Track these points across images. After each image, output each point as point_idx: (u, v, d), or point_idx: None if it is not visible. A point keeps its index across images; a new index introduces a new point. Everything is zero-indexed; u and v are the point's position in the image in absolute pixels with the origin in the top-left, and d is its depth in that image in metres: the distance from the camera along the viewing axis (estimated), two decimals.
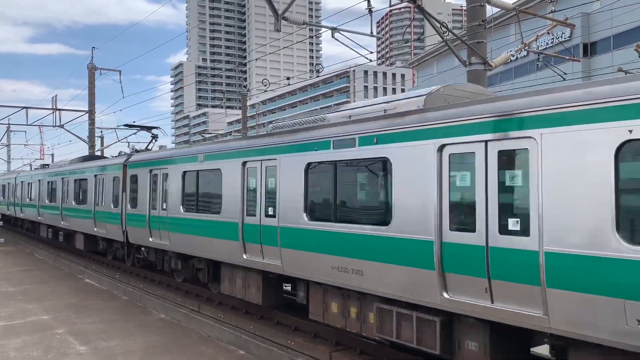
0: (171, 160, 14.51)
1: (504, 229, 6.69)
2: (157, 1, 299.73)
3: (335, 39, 13.71)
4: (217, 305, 13.63)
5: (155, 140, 21.59)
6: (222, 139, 20.09)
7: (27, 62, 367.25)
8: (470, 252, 7.02)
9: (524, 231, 6.48)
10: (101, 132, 46.39)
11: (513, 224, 6.62)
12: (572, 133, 6.03)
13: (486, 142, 6.92)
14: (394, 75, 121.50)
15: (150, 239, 15.46)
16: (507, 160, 6.74)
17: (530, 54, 25.11)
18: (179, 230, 14.02)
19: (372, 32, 13.65)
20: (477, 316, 7.09)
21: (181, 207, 13.85)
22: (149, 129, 22.59)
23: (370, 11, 12.90)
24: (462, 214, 7.26)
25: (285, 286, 12.29)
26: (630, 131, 5.56)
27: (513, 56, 16.28)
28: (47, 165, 31.20)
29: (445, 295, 7.37)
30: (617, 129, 5.66)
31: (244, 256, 11.43)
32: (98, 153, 36.12)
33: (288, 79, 26.47)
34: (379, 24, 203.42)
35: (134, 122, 46.52)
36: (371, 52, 14.72)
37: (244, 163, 11.59)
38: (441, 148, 7.43)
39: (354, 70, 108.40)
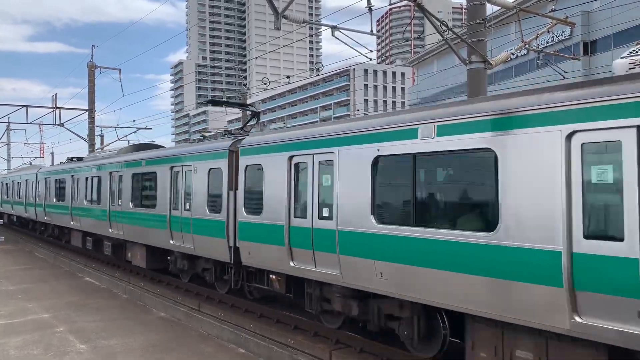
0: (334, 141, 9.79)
1: None
2: (157, 0, 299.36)
3: (335, 37, 13.71)
4: (218, 303, 13.63)
5: (257, 120, 16.31)
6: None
7: (27, 61, 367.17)
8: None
9: None
10: (101, 130, 46.33)
11: None
12: None
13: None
14: (394, 73, 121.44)
15: (293, 263, 10.48)
16: None
17: (531, 52, 25.10)
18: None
19: (372, 31, 13.63)
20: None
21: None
22: (244, 106, 18.74)
23: (370, 9, 12.88)
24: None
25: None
26: None
27: (513, 55, 16.26)
28: (78, 158, 25.77)
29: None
30: None
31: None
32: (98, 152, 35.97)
33: (288, 77, 26.45)
34: (379, 22, 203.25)
35: (133, 121, 46.48)
36: (371, 51, 14.71)
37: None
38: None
39: (354, 69, 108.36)
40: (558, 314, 6.15)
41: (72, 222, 22.70)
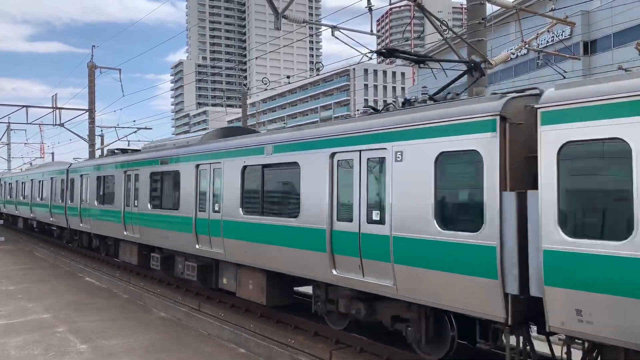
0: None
1: None
2: None
3: (335, 37, 13.70)
4: (218, 303, 13.63)
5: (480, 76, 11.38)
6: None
7: (27, 61, 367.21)
8: None
9: None
10: (101, 130, 46.34)
11: None
12: None
13: None
14: (394, 73, 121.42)
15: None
16: None
17: (531, 52, 25.10)
18: None
19: (372, 31, 13.63)
20: None
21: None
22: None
23: (370, 9, 12.88)
24: None
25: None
26: None
27: (513, 54, 16.26)
28: (123, 150, 20.79)
29: None
30: None
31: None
32: (98, 152, 35.89)
33: (288, 77, 26.47)
34: (379, 22, 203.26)
35: (133, 121, 46.47)
36: (371, 51, 14.71)
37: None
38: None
39: (354, 69, 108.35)
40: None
41: (125, 233, 17.04)
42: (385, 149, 8.22)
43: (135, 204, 16.25)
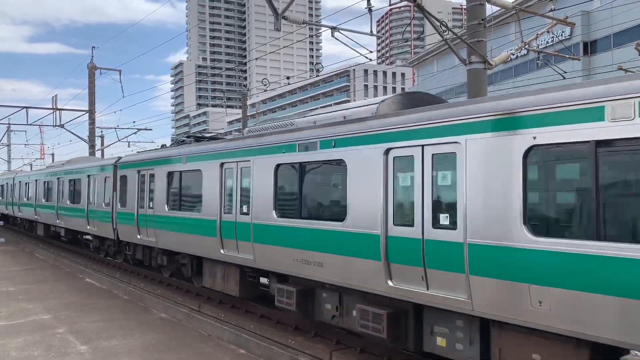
0: None
1: None
2: (155, 0, 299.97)
3: (335, 38, 13.72)
4: (218, 304, 13.63)
5: None
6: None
7: (27, 62, 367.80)
8: None
9: None
10: (101, 131, 46.41)
11: None
12: None
13: None
14: (394, 74, 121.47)
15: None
16: None
17: (531, 52, 25.10)
18: None
19: (372, 31, 13.65)
20: None
21: None
22: None
23: (370, 10, 12.91)
24: None
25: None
26: None
27: (513, 55, 16.28)
28: (197, 138, 15.81)
29: None
30: None
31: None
32: (98, 153, 35.91)
33: (288, 78, 26.47)
34: (379, 22, 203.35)
35: (133, 122, 46.50)
36: (371, 51, 14.74)
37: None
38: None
39: (354, 69, 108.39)
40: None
41: (223, 251, 12.23)
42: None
43: (245, 210, 11.48)
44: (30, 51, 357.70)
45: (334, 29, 13.58)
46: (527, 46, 15.26)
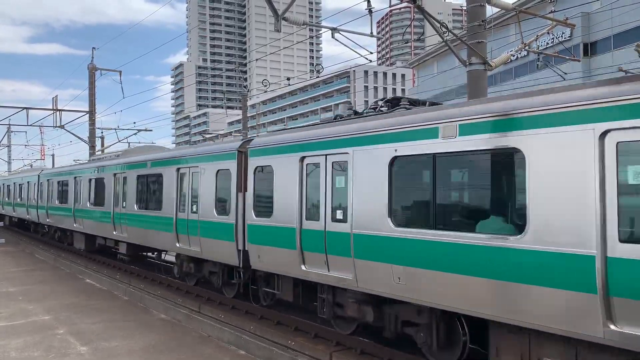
0: None
1: None
2: (155, 1, 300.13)
3: (335, 39, 13.73)
4: (218, 305, 13.63)
5: None
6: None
7: (27, 62, 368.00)
8: None
9: None
10: (102, 132, 46.37)
11: None
12: None
13: None
14: (394, 75, 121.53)
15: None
16: None
17: (531, 53, 25.10)
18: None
19: (372, 32, 13.66)
20: None
21: None
22: None
23: (370, 11, 12.91)
24: None
25: None
26: None
27: (513, 56, 16.28)
28: (358, 113, 10.50)
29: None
30: None
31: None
32: (98, 154, 35.80)
33: (288, 79, 26.48)
34: (379, 24, 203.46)
35: (134, 123, 46.55)
36: (371, 53, 14.73)
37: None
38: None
39: (354, 71, 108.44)
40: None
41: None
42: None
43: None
44: (30, 52, 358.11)
45: (334, 30, 13.59)
46: (527, 47, 15.26)
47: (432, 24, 12.56)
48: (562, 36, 45.29)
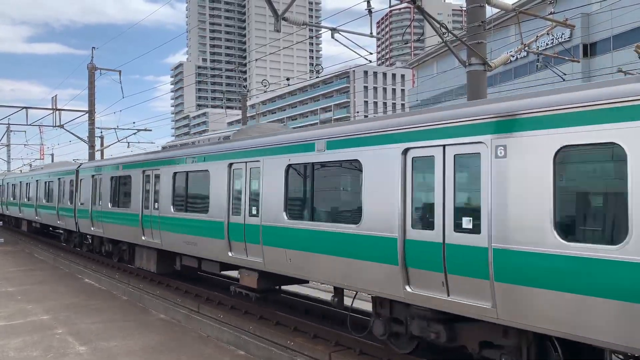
0: None
1: None
2: (154, 1, 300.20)
3: (335, 39, 13.73)
4: (217, 305, 13.62)
5: None
6: None
7: (26, 62, 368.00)
8: None
9: None
10: (101, 132, 46.36)
11: None
12: None
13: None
14: (394, 75, 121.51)
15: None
16: None
17: (530, 54, 25.13)
18: None
19: (371, 33, 13.66)
20: None
21: None
22: None
23: (370, 12, 12.91)
24: None
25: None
26: None
27: (513, 57, 16.29)
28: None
29: None
30: None
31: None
32: (98, 154, 35.75)
33: (288, 79, 26.47)
34: (379, 24, 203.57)
35: (133, 122, 46.53)
36: (371, 53, 14.73)
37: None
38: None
39: (353, 71, 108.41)
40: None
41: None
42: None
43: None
44: (30, 51, 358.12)
45: (334, 30, 13.59)
46: (526, 48, 15.27)
47: (432, 24, 12.57)
48: (561, 37, 45.32)
